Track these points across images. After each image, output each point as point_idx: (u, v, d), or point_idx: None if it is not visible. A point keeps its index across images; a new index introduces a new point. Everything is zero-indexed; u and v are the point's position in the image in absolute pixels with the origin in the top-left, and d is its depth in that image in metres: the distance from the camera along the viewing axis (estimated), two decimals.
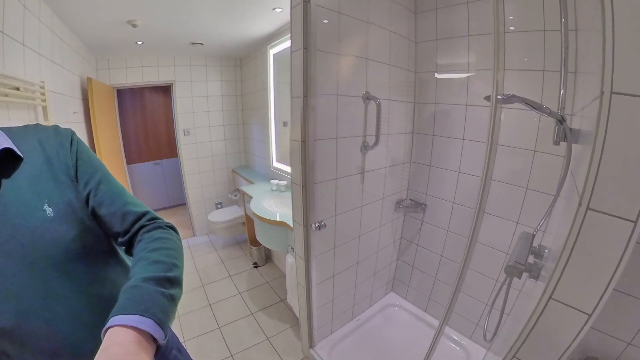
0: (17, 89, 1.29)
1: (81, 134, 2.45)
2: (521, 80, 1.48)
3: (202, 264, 3.67)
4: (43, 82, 1.56)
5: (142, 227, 0.68)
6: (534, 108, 0.88)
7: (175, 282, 0.59)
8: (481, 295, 1.84)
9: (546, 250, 1.07)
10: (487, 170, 0.86)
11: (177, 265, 0.62)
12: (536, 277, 1.01)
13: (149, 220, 0.70)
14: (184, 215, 5.09)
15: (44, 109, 1.58)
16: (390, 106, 1.93)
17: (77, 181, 0.65)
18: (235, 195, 4.07)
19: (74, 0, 1.80)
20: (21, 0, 1.42)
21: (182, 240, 0.74)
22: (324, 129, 1.62)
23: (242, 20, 2.43)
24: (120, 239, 0.68)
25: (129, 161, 4.77)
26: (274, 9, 2.21)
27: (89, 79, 2.52)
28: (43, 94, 1.55)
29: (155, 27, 2.47)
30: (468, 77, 1.73)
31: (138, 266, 0.58)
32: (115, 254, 0.75)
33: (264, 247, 3.48)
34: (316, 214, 1.70)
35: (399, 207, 2.22)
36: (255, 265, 3.51)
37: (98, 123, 2.64)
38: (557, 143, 0.98)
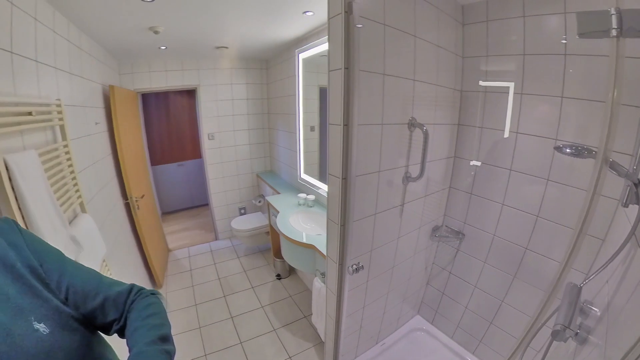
0: (30, 113, 1.17)
1: (104, 144, 2.38)
2: (580, 112, 1.33)
3: (224, 271, 3.60)
4: (59, 99, 1.46)
5: (132, 302, 0.68)
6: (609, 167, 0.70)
7: (170, 340, 0.64)
8: (512, 328, 1.77)
9: (594, 309, 0.98)
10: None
11: (168, 325, 0.66)
12: (582, 342, 0.90)
13: (136, 293, 0.70)
14: (206, 217, 5.06)
15: (62, 127, 1.48)
16: (432, 129, 1.72)
17: (47, 281, 0.58)
18: (260, 202, 3.97)
19: (91, 9, 1.70)
20: (31, 13, 1.31)
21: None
22: (366, 163, 1.45)
23: (270, 24, 2.29)
24: (116, 325, 0.66)
25: (153, 162, 4.78)
26: (304, 12, 2.05)
27: (111, 87, 2.43)
28: (60, 112, 1.45)
29: (178, 33, 2.36)
30: (521, 100, 1.54)
31: (138, 334, 0.60)
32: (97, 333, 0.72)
33: None
34: (353, 253, 1.54)
35: (435, 235, 2.09)
36: (279, 277, 3.40)
37: (121, 130, 2.57)
38: (626, 205, 0.82)
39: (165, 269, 3.64)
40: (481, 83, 1.71)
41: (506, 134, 1.62)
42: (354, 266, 1.55)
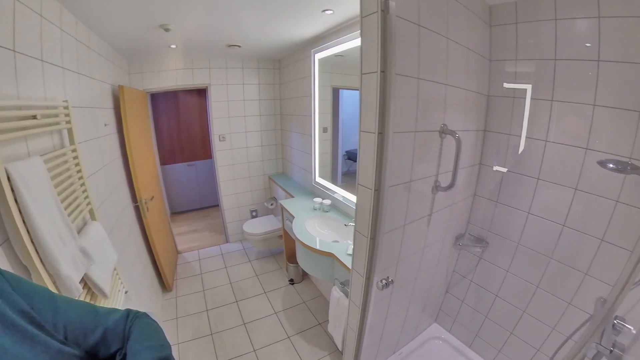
0: (34, 117, 1.09)
1: (114, 146, 2.30)
2: (613, 121, 1.28)
3: (235, 275, 3.52)
4: (66, 101, 1.37)
5: (130, 327, 0.64)
6: None
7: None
8: (532, 339, 1.74)
9: (627, 326, 0.95)
10: None
11: (167, 346, 0.64)
12: None
13: (132, 319, 0.66)
14: (216, 219, 4.99)
15: (69, 131, 1.39)
16: (460, 136, 1.62)
17: (42, 323, 0.53)
18: (272, 205, 3.89)
19: (100, 6, 1.61)
20: (36, 9, 1.22)
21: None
22: (398, 172, 1.35)
23: (287, 21, 2.20)
24: (119, 356, 0.62)
25: (163, 162, 4.72)
26: (323, 10, 1.95)
27: (121, 87, 2.35)
28: (67, 114, 1.36)
29: (189, 31, 2.27)
30: (551, 107, 1.47)
31: (139, 358, 0.58)
32: None
33: None
34: (382, 267, 1.45)
35: (458, 244, 2.02)
36: (292, 282, 3.31)
37: (131, 131, 2.49)
38: None
39: (175, 272, 3.58)
40: (506, 85, 1.66)
41: (534, 142, 1.56)
42: (384, 281, 1.46)
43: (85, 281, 1.27)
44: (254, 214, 4.27)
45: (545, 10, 1.40)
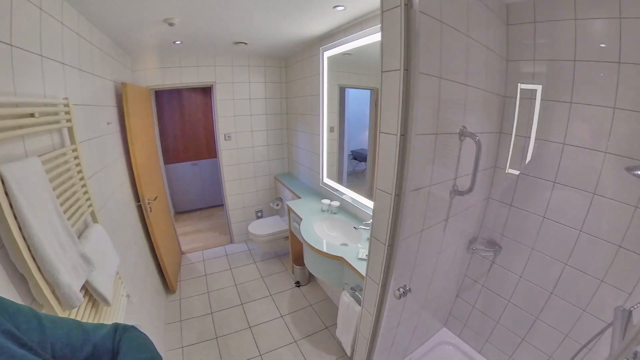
0: (32, 115, 1.02)
1: (116, 145, 2.24)
2: (634, 124, 1.24)
3: (240, 277, 3.46)
4: (67, 98, 1.30)
5: (119, 341, 0.62)
6: None
7: None
8: (544, 346, 1.71)
9: None
10: None
11: (158, 357, 0.64)
12: None
13: (120, 333, 0.64)
14: (220, 218, 4.93)
15: (70, 130, 1.33)
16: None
17: (30, 344, 0.49)
18: (277, 205, 3.83)
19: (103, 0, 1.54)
20: (36, 2, 1.15)
21: None
22: (418, 176, 1.30)
23: (296, 18, 2.13)
24: None
25: (167, 161, 4.67)
26: (335, 6, 1.88)
27: (124, 84, 2.29)
28: (68, 112, 1.30)
29: (194, 26, 2.19)
30: (569, 110, 1.42)
31: None
32: None
33: None
34: (398, 275, 1.38)
35: (472, 248, 1.96)
36: (298, 285, 3.25)
37: (134, 130, 2.43)
38: None
39: (179, 273, 3.52)
40: (522, 86, 1.61)
41: (551, 144, 1.52)
42: (401, 290, 1.39)
43: (87, 288, 1.20)
44: (259, 214, 4.21)
45: (565, 9, 1.35)
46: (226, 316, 2.87)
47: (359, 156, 2.71)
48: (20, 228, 0.85)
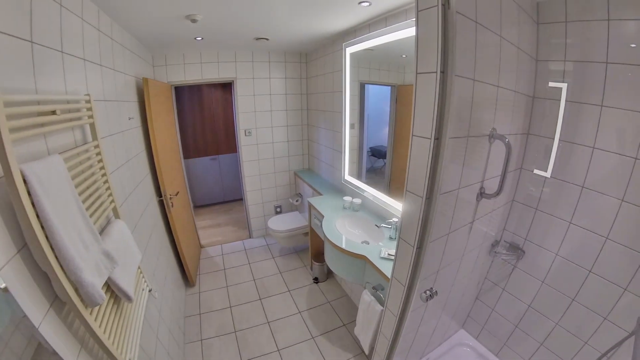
0: (54, 112, 1.01)
1: (138, 140, 2.26)
2: None
3: (259, 272, 3.47)
4: (88, 94, 1.29)
5: None
6: None
7: None
8: (563, 352, 1.68)
9: None
10: None
11: None
12: None
13: None
14: (239, 213, 4.97)
15: (92, 126, 1.32)
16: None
17: None
18: (297, 201, 3.81)
19: None
20: None
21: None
22: (449, 179, 1.25)
23: (320, 14, 2.08)
24: None
25: (186, 156, 4.72)
26: (360, 2, 1.83)
27: (145, 79, 2.30)
28: (89, 108, 1.29)
29: (217, 22, 2.17)
30: (600, 113, 1.36)
31: None
32: None
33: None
34: (425, 277, 1.35)
35: (494, 251, 1.91)
36: (316, 281, 3.23)
37: (156, 125, 2.44)
38: None
39: (198, 267, 3.56)
40: (552, 85, 1.54)
41: (580, 147, 1.47)
42: (428, 292, 1.35)
43: (109, 284, 1.20)
44: (278, 209, 4.21)
45: (597, 10, 1.29)
46: (245, 311, 2.89)
47: (377, 153, 2.67)
48: (42, 227, 0.84)
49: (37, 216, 0.83)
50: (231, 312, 2.87)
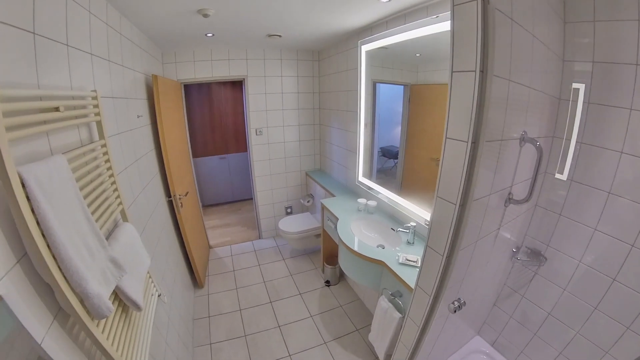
0: (57, 109, 0.94)
1: (147, 138, 2.19)
2: None
3: (269, 274, 3.40)
4: (95, 90, 1.22)
5: None
6: None
7: None
8: None
9: None
10: None
11: None
12: None
13: None
14: (248, 212, 4.90)
15: (98, 124, 1.25)
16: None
17: None
18: (308, 202, 3.73)
19: None
20: None
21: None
22: (482, 185, 1.17)
23: (337, 10, 2.00)
24: None
25: (195, 155, 4.67)
26: None
27: (154, 77, 2.23)
28: (96, 105, 1.22)
29: (229, 18, 2.09)
30: (629, 117, 1.30)
31: None
32: None
33: (339, 265, 3.09)
34: (453, 287, 1.27)
35: (516, 258, 1.82)
36: (328, 284, 3.15)
37: (165, 124, 2.38)
38: None
39: (207, 268, 3.50)
40: (576, 87, 1.48)
41: (607, 152, 1.41)
42: (456, 303, 1.27)
43: (117, 293, 1.13)
44: (288, 210, 4.13)
45: (628, 9, 1.23)
46: (255, 314, 2.82)
47: (387, 153, 2.60)
48: (43, 235, 0.77)
49: (38, 223, 0.75)
50: (241, 315, 2.80)
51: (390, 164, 2.61)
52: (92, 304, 0.89)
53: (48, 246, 0.78)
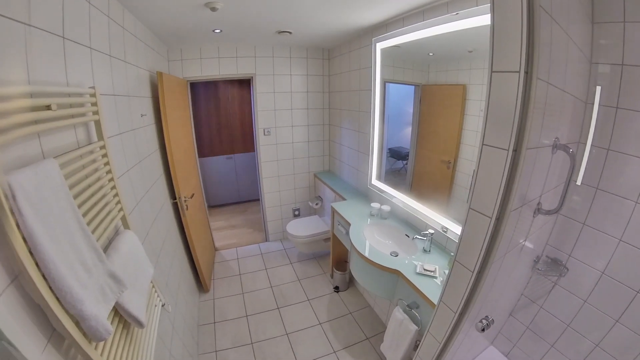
0: (48, 107, 0.84)
1: (151, 138, 2.09)
2: None
3: (276, 279, 3.30)
4: (93, 87, 1.12)
5: None
6: None
7: None
8: None
9: None
10: None
11: None
12: None
13: None
14: (255, 214, 4.81)
15: (97, 123, 1.15)
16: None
17: None
18: (317, 204, 3.62)
19: None
20: None
21: None
22: (518, 196, 1.07)
23: (352, 5, 1.90)
24: None
25: (201, 154, 4.59)
26: None
27: (159, 74, 2.13)
28: (94, 103, 1.12)
29: (238, 12, 1.98)
30: None
31: None
32: None
33: (349, 271, 2.98)
34: (480, 304, 1.15)
35: (537, 268, 1.73)
36: (337, 290, 3.04)
37: (170, 123, 2.28)
38: None
39: (212, 271, 3.41)
40: (599, 88, 1.39)
41: (634, 159, 1.34)
42: (484, 321, 1.16)
43: (117, 309, 1.04)
44: (296, 212, 4.03)
45: None
46: (262, 320, 2.72)
47: (396, 154, 2.52)
48: (31, 253, 0.67)
49: (25, 239, 0.66)
50: (247, 322, 2.71)
51: (398, 165, 2.54)
52: (88, 327, 0.79)
53: (37, 265, 0.69)
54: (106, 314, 0.90)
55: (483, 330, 1.18)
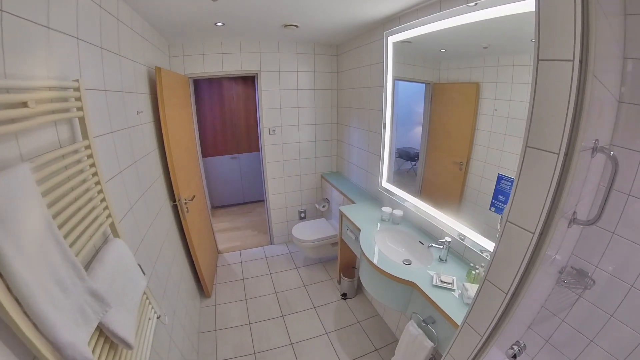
0: (25, 104, 0.73)
1: (148, 137, 1.98)
2: None
3: (281, 284, 3.18)
4: (77, 80, 1.00)
5: None
6: None
7: None
8: None
9: None
10: None
11: None
12: None
13: None
14: (259, 215, 4.70)
15: (81, 120, 1.02)
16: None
17: None
18: (324, 207, 3.50)
19: None
20: None
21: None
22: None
23: None
24: None
25: (204, 154, 4.49)
26: None
27: (158, 69, 2.02)
28: (78, 98, 1.00)
29: (241, 2, 1.86)
30: None
31: None
32: None
33: (357, 278, 2.85)
34: (510, 328, 1.02)
35: (562, 280, 1.60)
36: (344, 297, 2.91)
37: (170, 122, 2.17)
38: None
39: (215, 275, 3.30)
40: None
41: None
42: (515, 348, 1.03)
43: (101, 328, 0.92)
44: (302, 215, 3.91)
45: None
46: (265, 328, 2.61)
47: (405, 155, 2.41)
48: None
49: None
50: (250, 330, 2.59)
51: (407, 166, 2.43)
52: (66, 355, 0.69)
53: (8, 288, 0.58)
54: (87, 338, 0.79)
55: (514, 357, 1.05)
